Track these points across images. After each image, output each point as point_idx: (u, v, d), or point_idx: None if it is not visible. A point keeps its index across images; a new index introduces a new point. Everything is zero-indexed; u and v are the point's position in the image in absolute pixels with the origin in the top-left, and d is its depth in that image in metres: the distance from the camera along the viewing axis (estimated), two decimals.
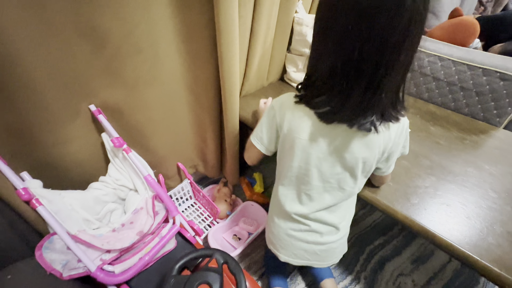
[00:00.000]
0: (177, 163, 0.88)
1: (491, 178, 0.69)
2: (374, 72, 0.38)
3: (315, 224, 0.57)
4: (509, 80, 0.85)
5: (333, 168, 0.50)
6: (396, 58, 0.38)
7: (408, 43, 0.37)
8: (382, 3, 0.33)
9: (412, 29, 0.35)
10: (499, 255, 0.51)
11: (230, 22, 0.56)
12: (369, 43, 0.36)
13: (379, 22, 0.34)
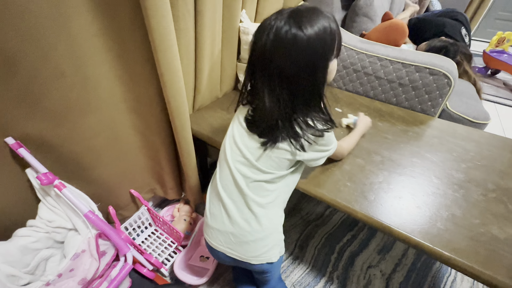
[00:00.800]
0: (130, 190, 0.80)
1: (433, 165, 0.76)
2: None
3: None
4: (437, 74, 0.95)
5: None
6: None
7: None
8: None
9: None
10: (448, 238, 0.55)
11: (166, 37, 0.53)
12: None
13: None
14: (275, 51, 0.44)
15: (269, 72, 0.46)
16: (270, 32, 0.44)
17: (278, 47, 0.44)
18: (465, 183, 0.70)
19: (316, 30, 0.43)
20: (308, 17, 0.43)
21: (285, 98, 0.47)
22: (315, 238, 0.96)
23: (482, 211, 0.62)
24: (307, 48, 0.43)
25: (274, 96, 0.47)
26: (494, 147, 0.85)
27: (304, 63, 0.44)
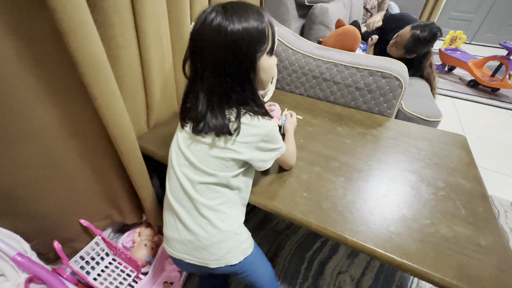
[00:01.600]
0: (80, 220, 0.74)
1: (388, 167, 0.77)
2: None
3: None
4: (388, 77, 0.98)
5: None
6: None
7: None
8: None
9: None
10: (399, 243, 0.56)
11: (93, 59, 0.49)
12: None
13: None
14: (201, 39, 0.45)
15: (201, 61, 0.47)
16: (199, 20, 0.46)
17: (204, 35, 0.45)
18: (417, 183, 0.72)
19: (244, 24, 0.44)
20: (239, 11, 0.45)
21: (214, 88, 0.48)
22: (285, 249, 0.94)
23: (432, 211, 0.64)
24: (230, 40, 0.44)
25: (203, 85, 0.48)
26: (445, 144, 0.89)
27: (227, 54, 0.45)
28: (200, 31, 0.46)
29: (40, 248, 0.68)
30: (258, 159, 0.54)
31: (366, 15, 2.53)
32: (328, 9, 1.19)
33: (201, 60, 0.47)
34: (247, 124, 0.50)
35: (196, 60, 0.48)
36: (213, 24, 0.44)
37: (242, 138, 0.51)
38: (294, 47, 1.12)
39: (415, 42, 1.27)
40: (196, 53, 0.47)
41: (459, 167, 0.78)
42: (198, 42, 0.46)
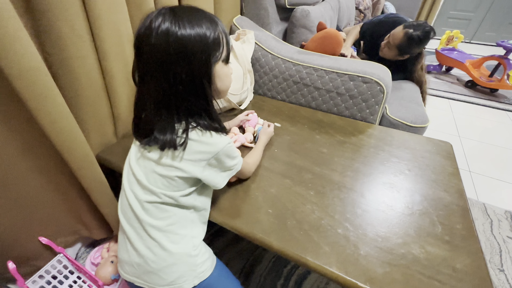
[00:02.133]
0: (39, 238, 0.71)
1: (365, 178, 0.73)
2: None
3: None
4: (369, 82, 0.94)
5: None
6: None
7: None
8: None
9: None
10: (366, 267, 0.51)
11: (27, 73, 0.46)
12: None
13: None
14: (148, 45, 0.41)
15: (147, 69, 0.43)
16: (143, 25, 0.42)
17: (150, 40, 0.41)
18: (393, 197, 0.67)
19: (197, 30, 0.42)
20: (190, 16, 0.42)
21: (163, 97, 0.44)
22: (262, 264, 0.90)
23: (406, 228, 0.59)
24: (181, 45, 0.41)
25: (151, 94, 0.45)
26: (428, 152, 0.85)
27: (178, 60, 0.42)
28: (145, 37, 0.42)
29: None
30: (210, 178, 0.50)
31: (359, 16, 2.49)
32: (309, 11, 1.15)
33: (147, 67, 0.43)
34: (196, 141, 0.47)
35: (143, 68, 0.44)
36: (160, 29, 0.40)
37: (190, 155, 0.47)
38: (273, 52, 1.08)
39: (409, 41, 1.22)
40: (142, 61, 0.44)
41: (440, 178, 0.74)
42: (144, 48, 0.42)
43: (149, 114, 0.46)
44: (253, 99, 1.13)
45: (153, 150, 0.48)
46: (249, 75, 1.01)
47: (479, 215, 1.12)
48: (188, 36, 0.41)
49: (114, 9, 0.66)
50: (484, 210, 1.14)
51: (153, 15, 0.42)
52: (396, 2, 3.14)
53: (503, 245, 1.00)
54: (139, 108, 0.48)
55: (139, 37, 0.43)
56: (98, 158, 0.75)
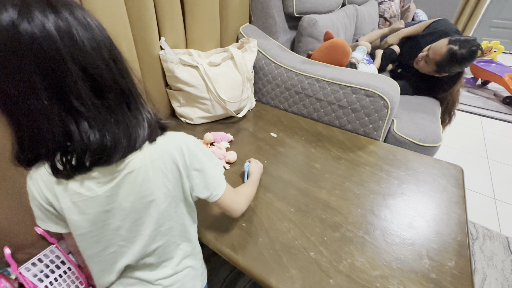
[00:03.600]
0: (35, 228, 0.76)
1: (355, 199, 0.68)
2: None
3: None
4: (372, 96, 0.88)
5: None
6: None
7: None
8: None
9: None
10: None
11: None
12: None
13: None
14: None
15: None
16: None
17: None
18: (382, 223, 0.62)
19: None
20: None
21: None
22: (245, 277, 0.88)
23: (389, 260, 0.54)
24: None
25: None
26: (433, 176, 0.77)
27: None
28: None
29: None
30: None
31: (385, 24, 2.37)
32: (317, 20, 1.12)
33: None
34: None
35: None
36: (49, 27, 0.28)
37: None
38: (277, 61, 1.07)
39: (451, 59, 1.10)
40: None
41: (441, 207, 0.66)
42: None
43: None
44: (255, 107, 1.13)
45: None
46: (249, 84, 1.01)
47: (499, 250, 0.99)
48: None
49: (113, 17, 0.69)
50: (506, 245, 1.01)
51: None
52: (428, 9, 2.95)
53: None
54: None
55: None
56: None
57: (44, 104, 0.29)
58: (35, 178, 0.36)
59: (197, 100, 0.93)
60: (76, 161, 0.33)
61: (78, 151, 0.33)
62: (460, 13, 3.58)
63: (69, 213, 0.37)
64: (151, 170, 0.38)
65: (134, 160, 0.37)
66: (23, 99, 0.29)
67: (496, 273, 0.91)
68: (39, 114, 0.30)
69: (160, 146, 0.40)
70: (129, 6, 0.74)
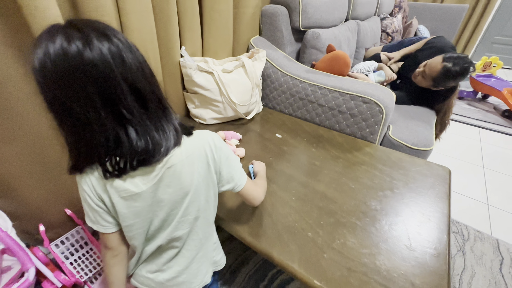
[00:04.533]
0: (65, 210, 0.86)
1: (350, 191, 0.76)
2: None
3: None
4: (369, 102, 0.98)
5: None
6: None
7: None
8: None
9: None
10: (325, 268, 0.55)
11: None
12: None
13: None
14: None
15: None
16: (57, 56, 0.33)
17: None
18: (373, 212, 0.70)
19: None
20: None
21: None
22: (249, 265, 0.95)
23: (376, 242, 0.61)
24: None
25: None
26: (423, 175, 0.85)
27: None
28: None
29: (29, 228, 0.80)
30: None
31: (387, 38, 2.49)
32: (320, 34, 1.23)
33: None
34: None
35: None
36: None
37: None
38: (283, 69, 1.18)
39: (446, 75, 1.19)
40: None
41: (427, 201, 0.74)
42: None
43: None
44: (262, 111, 1.23)
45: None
46: (257, 89, 1.11)
47: (488, 251, 1.04)
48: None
49: (143, 28, 0.81)
50: (496, 246, 1.06)
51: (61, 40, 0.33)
52: (430, 25, 3.07)
53: (511, 285, 0.92)
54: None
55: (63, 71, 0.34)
56: None
57: (101, 116, 0.36)
58: (88, 180, 0.43)
59: (210, 103, 1.03)
60: (124, 164, 0.40)
61: (127, 155, 0.39)
62: (462, 29, 3.69)
63: (119, 206, 0.44)
64: (186, 165, 0.45)
65: (172, 157, 0.43)
66: (85, 113, 0.36)
67: (484, 271, 0.97)
68: (97, 125, 0.37)
69: (193, 143, 0.46)
70: (157, 20, 0.86)
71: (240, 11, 1.15)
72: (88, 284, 0.82)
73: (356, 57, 1.81)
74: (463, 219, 1.19)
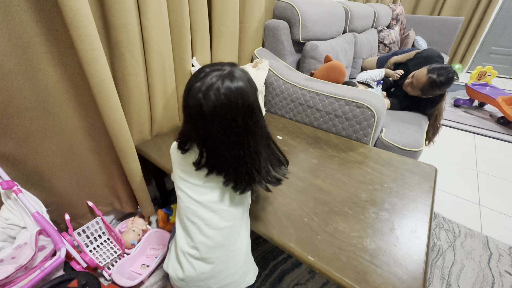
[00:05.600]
0: (87, 201, 0.96)
1: (343, 185, 0.85)
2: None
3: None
4: (361, 107, 1.07)
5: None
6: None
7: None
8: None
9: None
10: (318, 246, 0.63)
11: (100, 82, 0.73)
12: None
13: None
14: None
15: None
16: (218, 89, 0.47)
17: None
18: (364, 202, 0.78)
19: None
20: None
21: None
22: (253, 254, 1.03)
23: (365, 227, 0.70)
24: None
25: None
26: (410, 172, 0.93)
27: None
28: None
29: (55, 217, 0.90)
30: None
31: (385, 49, 2.61)
32: (318, 46, 1.34)
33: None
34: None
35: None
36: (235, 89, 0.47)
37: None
38: (284, 78, 1.29)
39: (432, 85, 1.30)
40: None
41: (412, 194, 0.82)
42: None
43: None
44: (265, 116, 1.33)
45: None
46: (261, 96, 1.22)
47: (478, 247, 1.11)
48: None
49: (161, 41, 0.93)
50: (485, 242, 1.13)
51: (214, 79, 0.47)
52: (427, 37, 3.19)
53: (498, 278, 0.98)
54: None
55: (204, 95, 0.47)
56: (136, 149, 1.00)
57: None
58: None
59: None
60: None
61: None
62: (459, 40, 3.81)
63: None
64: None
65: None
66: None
67: (473, 265, 1.03)
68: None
69: None
70: (173, 34, 0.98)
71: (246, 26, 1.27)
72: (106, 269, 0.90)
73: (353, 66, 1.92)
74: (455, 218, 1.26)
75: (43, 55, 0.70)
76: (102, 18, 0.77)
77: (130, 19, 0.80)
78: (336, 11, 1.58)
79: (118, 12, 0.76)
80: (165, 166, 0.92)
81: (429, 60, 1.38)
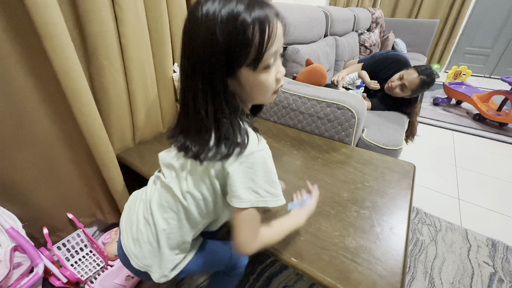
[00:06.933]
0: (67, 213, 0.93)
1: (326, 186, 0.86)
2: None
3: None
4: (342, 108, 1.10)
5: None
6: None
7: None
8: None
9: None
10: (301, 247, 0.64)
11: (79, 92, 0.71)
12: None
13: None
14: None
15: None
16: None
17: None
18: (345, 201, 0.80)
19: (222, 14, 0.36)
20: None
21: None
22: None
23: (346, 226, 0.71)
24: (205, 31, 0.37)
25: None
26: (390, 170, 0.96)
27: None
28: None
29: (33, 232, 0.87)
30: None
31: (366, 52, 2.69)
32: (299, 49, 1.37)
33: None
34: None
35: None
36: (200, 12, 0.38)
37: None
38: None
39: (422, 86, 1.41)
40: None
41: (392, 192, 0.85)
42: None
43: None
44: None
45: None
46: None
47: (458, 239, 1.15)
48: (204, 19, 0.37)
49: (141, 47, 0.92)
50: (465, 235, 1.17)
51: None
52: (406, 39, 3.32)
53: (477, 269, 1.02)
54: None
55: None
56: (118, 157, 0.98)
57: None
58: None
59: None
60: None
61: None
62: (436, 41, 3.98)
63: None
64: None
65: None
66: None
67: (454, 257, 1.07)
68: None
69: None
70: (153, 40, 0.97)
71: None
72: (88, 283, 0.88)
73: (335, 68, 1.97)
74: (436, 213, 1.30)
75: (14, 65, 0.68)
76: (77, 26, 0.76)
77: (107, 27, 0.79)
78: (316, 16, 1.63)
79: (94, 19, 0.75)
80: (149, 174, 0.90)
81: (399, 63, 1.46)
